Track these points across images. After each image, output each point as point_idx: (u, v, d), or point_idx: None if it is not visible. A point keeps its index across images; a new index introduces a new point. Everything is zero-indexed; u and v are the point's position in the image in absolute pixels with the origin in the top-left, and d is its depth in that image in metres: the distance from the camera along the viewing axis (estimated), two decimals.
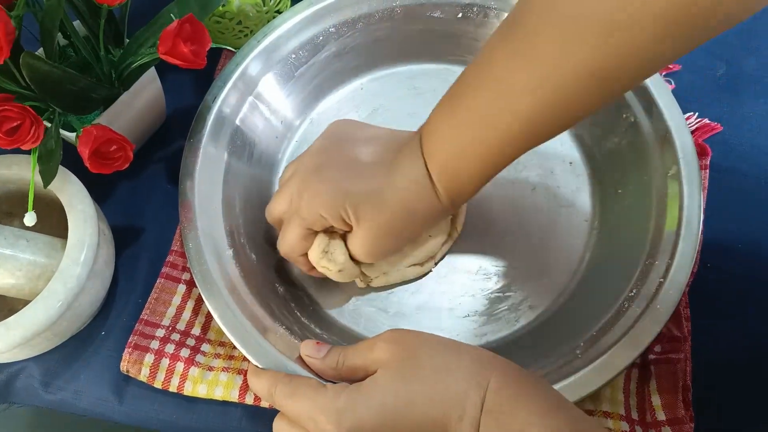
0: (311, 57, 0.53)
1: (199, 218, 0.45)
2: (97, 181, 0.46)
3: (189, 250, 0.44)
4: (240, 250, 0.46)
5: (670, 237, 0.43)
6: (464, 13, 0.53)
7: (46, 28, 0.41)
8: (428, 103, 0.53)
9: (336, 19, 0.53)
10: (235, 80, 0.50)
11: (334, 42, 0.54)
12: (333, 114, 0.55)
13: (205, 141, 0.48)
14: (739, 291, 0.48)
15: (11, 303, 0.46)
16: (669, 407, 0.42)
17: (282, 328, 0.42)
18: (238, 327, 0.41)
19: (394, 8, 0.53)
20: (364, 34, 0.54)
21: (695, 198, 0.44)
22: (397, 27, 0.54)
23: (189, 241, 0.44)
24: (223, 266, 0.44)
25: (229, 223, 0.46)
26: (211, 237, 0.45)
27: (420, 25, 0.54)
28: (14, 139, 0.39)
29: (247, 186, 0.50)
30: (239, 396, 0.43)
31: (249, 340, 0.41)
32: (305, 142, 0.53)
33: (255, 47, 0.51)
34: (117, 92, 0.46)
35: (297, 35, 0.52)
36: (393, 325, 0.46)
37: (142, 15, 0.49)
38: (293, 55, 0.52)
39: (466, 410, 0.33)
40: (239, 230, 0.47)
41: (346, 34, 0.54)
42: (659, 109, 0.47)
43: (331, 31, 0.53)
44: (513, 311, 0.46)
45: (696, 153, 0.46)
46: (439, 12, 0.54)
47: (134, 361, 0.44)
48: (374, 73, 0.56)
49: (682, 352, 0.44)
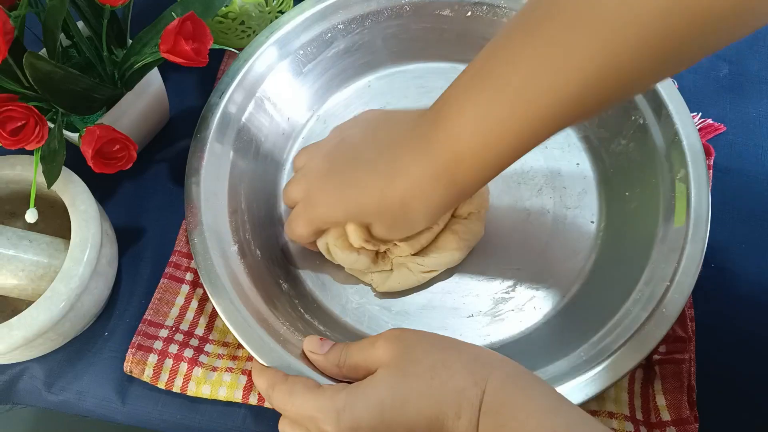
0: (319, 54, 0.53)
1: (204, 214, 0.45)
2: (101, 181, 0.46)
3: (194, 245, 0.44)
4: (245, 247, 0.46)
5: (677, 240, 0.43)
6: (473, 11, 0.53)
7: (49, 28, 0.41)
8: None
9: (344, 16, 0.53)
10: (241, 77, 0.50)
11: (342, 39, 0.54)
12: (340, 111, 0.55)
13: (211, 138, 0.48)
14: (743, 291, 0.48)
15: (14, 304, 0.46)
16: (674, 407, 0.42)
17: (285, 325, 0.42)
18: (241, 323, 0.41)
19: (403, 6, 0.53)
20: (373, 32, 0.54)
21: (703, 202, 0.44)
22: (406, 25, 0.54)
23: (194, 236, 0.44)
24: (228, 262, 0.44)
25: (234, 220, 0.46)
26: (216, 233, 0.45)
27: (428, 23, 0.54)
28: (18, 139, 0.39)
29: (252, 183, 0.50)
30: (243, 396, 0.43)
31: (252, 336, 0.41)
32: (311, 139, 0.53)
33: (263, 44, 0.51)
34: (120, 92, 0.46)
35: (305, 32, 0.52)
36: (397, 324, 0.46)
37: (146, 15, 0.49)
38: (301, 52, 0.52)
39: (464, 408, 0.33)
40: (244, 227, 0.47)
41: (355, 31, 0.53)
42: (668, 112, 0.46)
43: (340, 27, 0.53)
44: (518, 312, 0.46)
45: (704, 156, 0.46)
46: (448, 10, 0.54)
47: (137, 361, 0.44)
48: (382, 70, 0.56)
49: (687, 353, 0.44)
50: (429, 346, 0.36)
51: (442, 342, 0.37)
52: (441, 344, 0.37)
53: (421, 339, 0.37)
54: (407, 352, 0.36)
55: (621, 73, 0.31)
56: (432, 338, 0.37)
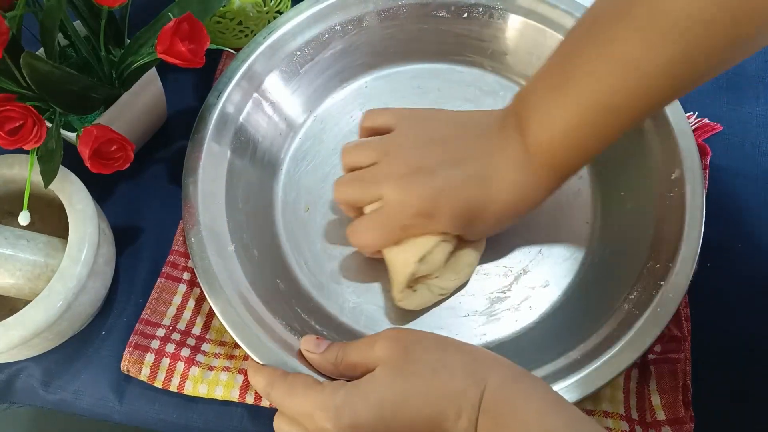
0: (316, 54, 0.53)
1: (202, 214, 0.45)
2: (98, 180, 0.46)
3: (191, 245, 0.44)
4: (242, 246, 0.46)
5: (671, 240, 0.43)
6: (469, 13, 0.54)
7: (47, 28, 0.41)
8: (432, 102, 0.54)
9: (342, 17, 0.53)
10: (239, 77, 0.50)
11: (340, 40, 0.54)
12: (337, 112, 0.55)
13: (209, 138, 0.48)
14: (739, 291, 0.48)
15: (12, 303, 0.46)
16: (669, 407, 0.42)
17: (282, 324, 0.43)
18: (238, 323, 0.41)
19: (400, 7, 0.54)
20: (370, 33, 0.54)
21: (698, 202, 0.44)
22: (403, 26, 0.54)
23: (191, 236, 0.44)
24: (225, 262, 0.44)
25: (232, 219, 0.47)
26: (214, 232, 0.45)
27: (425, 24, 0.54)
28: (16, 138, 0.39)
29: (250, 182, 0.50)
30: (240, 395, 0.43)
31: (249, 335, 0.41)
32: (309, 139, 0.54)
33: (261, 44, 0.51)
34: (117, 92, 0.46)
35: (302, 32, 0.52)
36: (394, 322, 0.46)
37: (144, 15, 0.49)
38: (298, 53, 0.53)
39: (463, 409, 0.33)
40: (242, 226, 0.47)
41: (352, 32, 0.54)
42: (663, 112, 0.47)
43: (337, 29, 0.53)
44: (513, 311, 0.46)
45: (699, 156, 0.46)
46: (444, 12, 0.54)
47: (135, 360, 0.44)
48: (379, 71, 0.56)
49: (682, 352, 0.44)
50: (428, 346, 0.36)
51: (440, 342, 0.37)
52: (440, 344, 0.37)
53: (420, 339, 0.37)
54: (407, 351, 0.36)
55: (694, 67, 0.35)
56: (431, 338, 0.37)
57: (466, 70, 0.56)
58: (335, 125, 0.54)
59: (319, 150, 0.53)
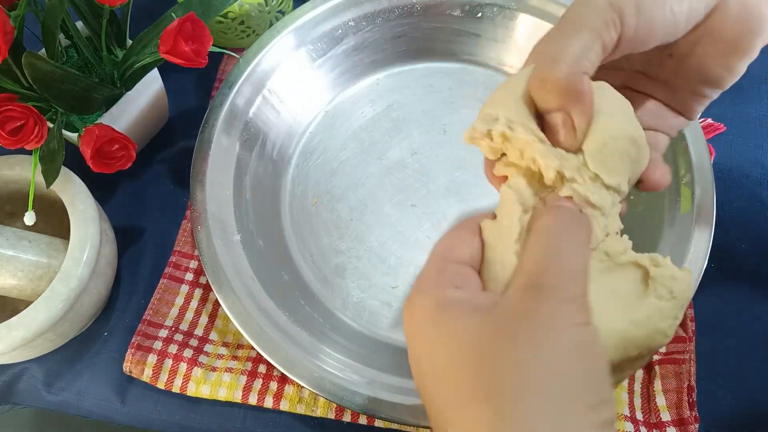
0: (329, 50, 0.53)
1: (209, 203, 0.45)
2: (100, 181, 0.46)
3: (198, 234, 0.44)
4: (248, 237, 0.46)
5: (681, 244, 0.43)
6: (484, 12, 0.53)
7: (48, 28, 0.41)
8: (444, 101, 0.54)
9: (356, 13, 0.53)
10: (251, 70, 0.50)
11: (353, 36, 0.54)
12: (348, 108, 0.55)
13: (218, 131, 0.48)
14: (743, 291, 0.48)
15: (14, 304, 0.46)
16: (674, 408, 0.42)
17: (286, 315, 0.43)
18: (242, 312, 0.41)
19: (414, 5, 0.54)
20: (383, 30, 0.54)
21: (708, 207, 0.44)
22: (416, 24, 0.54)
23: (198, 225, 0.44)
24: (231, 251, 0.44)
25: (239, 210, 0.47)
26: (221, 222, 0.45)
27: (439, 23, 0.54)
28: (18, 139, 0.39)
29: (258, 175, 0.50)
30: (243, 396, 0.43)
31: (253, 326, 0.41)
32: (319, 134, 0.53)
33: (274, 37, 0.51)
34: (119, 92, 0.46)
35: (316, 27, 0.52)
36: (397, 320, 0.46)
37: (146, 16, 0.49)
38: (311, 47, 0.52)
39: None
40: (248, 217, 0.47)
41: (365, 28, 0.54)
42: None
43: (351, 24, 0.53)
44: None
45: (710, 161, 0.45)
46: (458, 11, 0.54)
47: (137, 361, 0.44)
48: (391, 68, 0.56)
49: (687, 353, 0.44)
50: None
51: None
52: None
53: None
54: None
55: None
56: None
57: (478, 69, 0.56)
58: (346, 121, 0.54)
59: (329, 145, 0.53)
